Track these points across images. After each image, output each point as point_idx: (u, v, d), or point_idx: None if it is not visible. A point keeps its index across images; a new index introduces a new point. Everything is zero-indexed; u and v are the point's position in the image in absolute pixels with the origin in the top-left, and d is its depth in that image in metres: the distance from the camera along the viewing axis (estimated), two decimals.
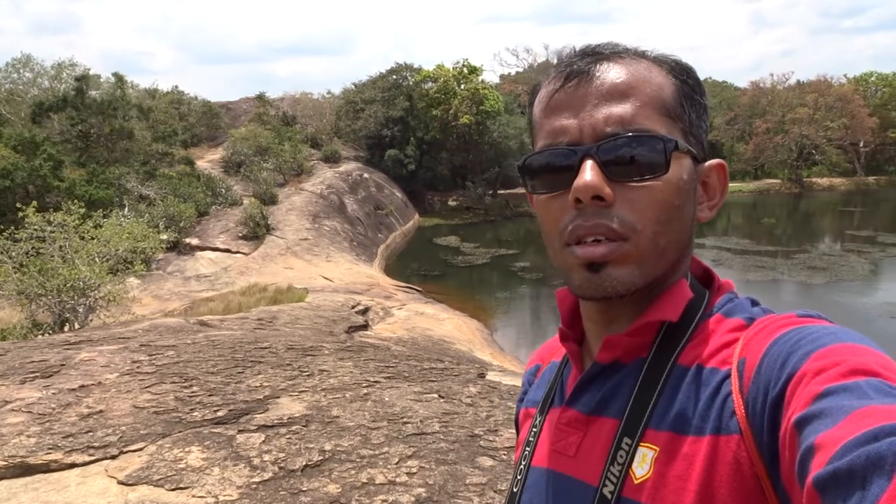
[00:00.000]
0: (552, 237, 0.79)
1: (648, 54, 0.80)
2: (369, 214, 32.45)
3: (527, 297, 22.76)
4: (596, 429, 0.78)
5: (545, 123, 0.79)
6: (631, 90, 0.75)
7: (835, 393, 0.55)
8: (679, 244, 0.77)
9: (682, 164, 0.76)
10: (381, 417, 3.90)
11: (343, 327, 12.52)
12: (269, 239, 24.67)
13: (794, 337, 0.64)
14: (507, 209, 40.72)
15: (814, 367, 0.59)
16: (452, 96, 40.68)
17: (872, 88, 58.55)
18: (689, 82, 0.79)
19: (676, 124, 0.76)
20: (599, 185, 0.72)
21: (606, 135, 0.74)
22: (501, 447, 3.53)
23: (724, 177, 0.83)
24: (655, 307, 0.77)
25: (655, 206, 0.74)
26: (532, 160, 0.80)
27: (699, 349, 0.73)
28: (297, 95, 48.05)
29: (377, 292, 19.08)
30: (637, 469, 0.71)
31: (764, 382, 0.63)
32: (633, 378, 0.76)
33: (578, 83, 0.76)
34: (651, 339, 0.77)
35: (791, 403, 0.59)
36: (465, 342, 15.06)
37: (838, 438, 0.51)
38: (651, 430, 0.72)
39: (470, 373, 6.26)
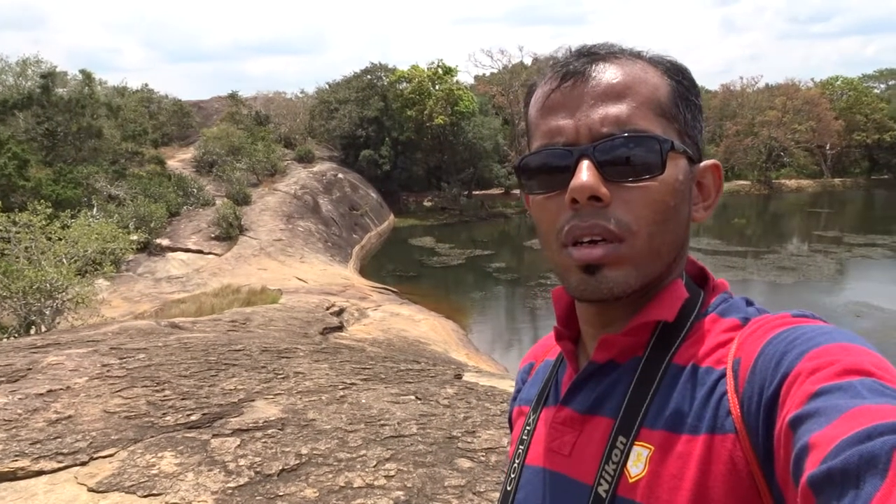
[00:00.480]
0: (549, 238, 0.78)
1: (644, 55, 0.80)
2: (344, 215, 32.27)
3: (501, 297, 22.82)
4: (591, 428, 0.78)
5: (541, 124, 0.79)
6: (627, 91, 0.75)
7: (829, 392, 0.55)
8: (675, 245, 0.78)
9: (677, 164, 0.76)
10: (358, 420, 3.86)
11: (318, 329, 12.42)
12: (243, 240, 24.42)
13: (788, 336, 0.65)
14: (481, 210, 40.79)
15: (808, 367, 0.59)
16: (427, 97, 40.65)
17: (838, 92, 59.73)
18: (685, 83, 0.80)
19: (672, 125, 0.77)
20: (596, 186, 0.72)
21: (602, 135, 0.74)
22: (479, 448, 3.51)
23: (718, 177, 0.83)
24: (651, 307, 0.77)
25: (651, 206, 0.74)
26: (528, 160, 0.80)
27: (694, 349, 0.74)
28: (271, 95, 47.63)
29: (352, 293, 18.98)
30: (632, 468, 0.71)
31: (759, 382, 0.63)
32: (629, 377, 0.76)
33: (574, 83, 0.76)
34: (647, 338, 0.77)
35: (786, 403, 0.59)
36: (441, 343, 15.04)
37: (832, 438, 0.51)
38: (646, 430, 0.72)
39: (446, 374, 6.24)
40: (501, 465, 3.32)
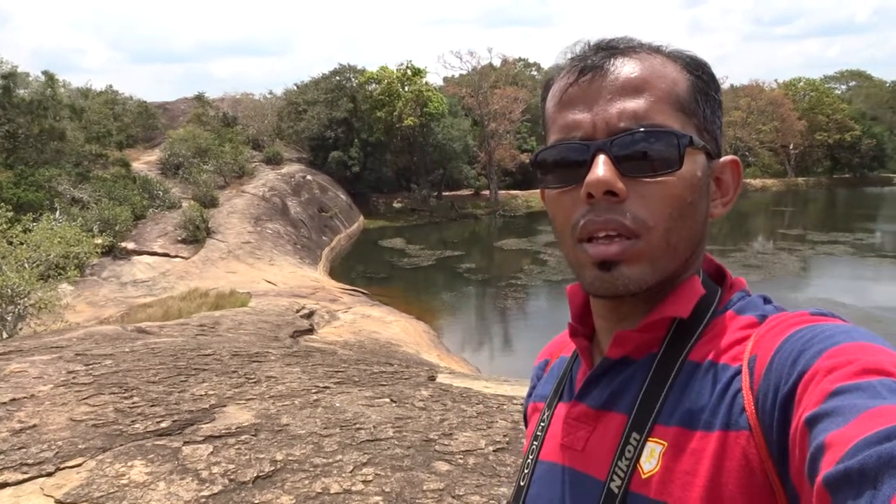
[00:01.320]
0: (563, 232, 0.78)
1: (663, 49, 0.79)
2: (313, 217, 32.02)
3: (472, 297, 22.85)
4: (605, 424, 0.78)
5: (558, 118, 0.78)
6: (645, 85, 0.74)
7: (847, 392, 0.55)
8: (692, 241, 0.77)
9: (695, 160, 0.75)
10: (332, 424, 3.81)
11: (288, 332, 12.29)
12: (210, 242, 24.06)
13: (806, 335, 0.64)
14: (451, 211, 40.81)
15: (826, 366, 0.58)
16: (396, 98, 40.53)
17: (801, 93, 61.08)
18: (704, 78, 0.79)
19: (691, 120, 0.76)
20: (612, 181, 0.71)
21: (620, 130, 0.73)
22: (457, 451, 3.49)
23: (737, 173, 0.83)
24: (667, 303, 0.76)
25: (668, 202, 0.73)
26: (544, 154, 0.79)
27: (710, 346, 0.73)
28: (238, 96, 47.09)
29: (322, 296, 18.83)
30: (645, 464, 0.70)
31: (775, 379, 0.63)
32: (643, 373, 0.76)
33: (592, 78, 0.76)
34: (662, 335, 0.77)
35: (802, 401, 0.58)
36: (413, 344, 15.00)
37: (850, 437, 0.51)
38: (660, 426, 0.71)
39: (420, 376, 6.20)
40: (480, 467, 3.30)
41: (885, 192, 53.36)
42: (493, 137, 44.80)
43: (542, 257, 27.35)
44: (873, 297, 19.65)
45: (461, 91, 45.79)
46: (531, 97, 49.19)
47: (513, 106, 44.73)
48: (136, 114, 40.11)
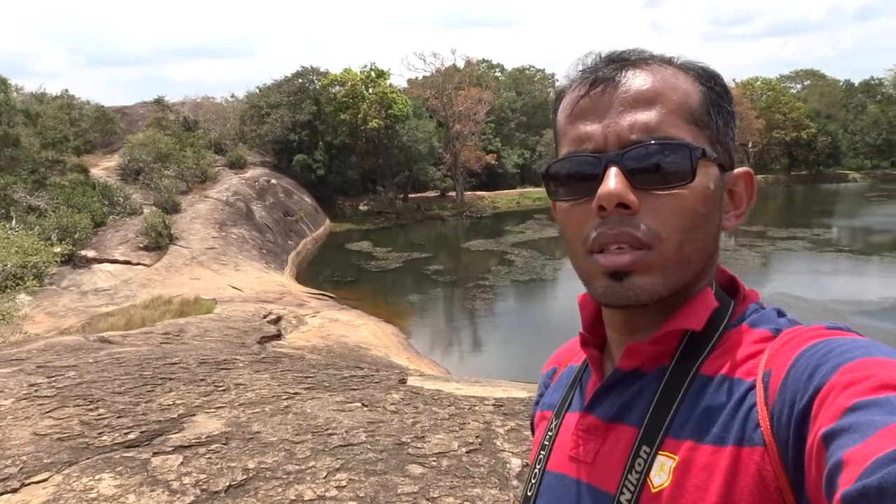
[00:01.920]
0: (575, 244, 0.77)
1: (675, 61, 0.79)
2: (278, 221, 31.72)
3: (440, 299, 22.86)
4: (615, 436, 0.77)
5: (569, 130, 0.78)
6: (657, 97, 0.74)
7: (864, 408, 0.54)
8: (704, 253, 0.76)
9: (708, 172, 0.75)
10: (304, 430, 3.78)
11: (255, 338, 12.16)
12: (173, 249, 23.67)
13: (822, 349, 0.63)
14: (418, 213, 40.82)
15: (842, 381, 0.58)
16: (361, 100, 40.40)
17: (758, 92, 62.45)
18: (717, 89, 0.79)
19: (703, 132, 0.76)
20: (624, 193, 0.71)
21: (631, 142, 0.73)
22: (430, 454, 3.49)
23: (751, 185, 0.83)
24: (679, 316, 0.76)
25: (681, 214, 0.73)
26: (556, 167, 0.79)
27: (723, 359, 0.72)
28: (199, 99, 46.43)
29: (289, 300, 18.66)
30: (655, 478, 0.70)
31: (790, 395, 0.62)
32: (655, 386, 0.75)
33: (604, 90, 0.75)
34: (674, 347, 0.76)
35: (818, 417, 0.57)
36: (382, 347, 14.95)
37: (868, 454, 0.50)
38: (670, 439, 0.70)
39: (391, 379, 6.19)
40: (453, 468, 3.31)
41: (840, 189, 54.86)
42: (458, 139, 44.93)
43: (510, 258, 27.49)
44: (831, 290, 20.17)
45: (425, 93, 45.84)
46: (495, 98, 49.47)
47: (477, 107, 44.92)
48: (94, 119, 39.23)
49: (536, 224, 36.98)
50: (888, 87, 66.28)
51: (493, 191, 48.80)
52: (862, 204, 43.90)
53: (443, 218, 41.06)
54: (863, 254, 26.85)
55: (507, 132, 53.36)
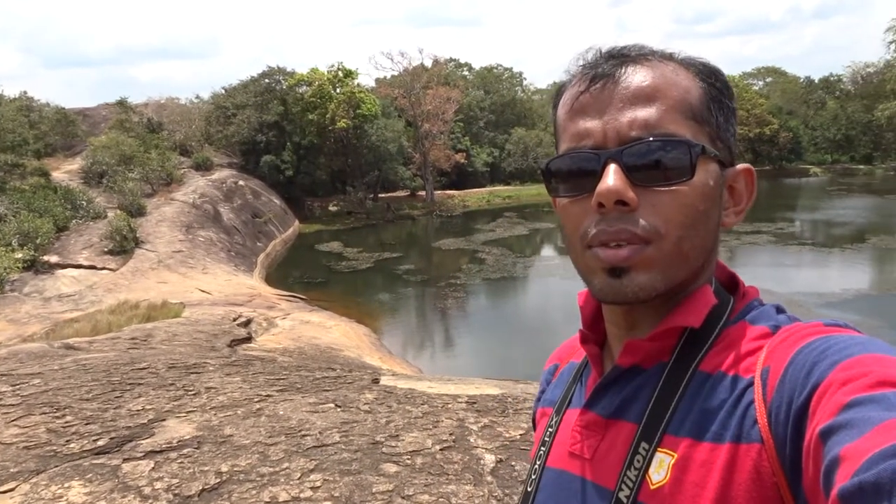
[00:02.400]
0: (574, 240, 0.78)
1: (675, 56, 0.79)
2: (247, 223, 31.38)
3: (412, 299, 22.84)
4: (614, 432, 0.78)
5: (569, 126, 0.78)
6: (657, 93, 0.74)
7: (861, 404, 0.54)
8: (703, 250, 0.77)
9: (708, 169, 0.75)
10: (277, 432, 3.76)
11: (225, 341, 12.02)
12: (139, 253, 23.28)
13: (820, 346, 0.63)
14: (388, 212, 40.70)
15: (840, 378, 0.58)
16: (328, 100, 40.13)
17: None
18: (717, 85, 0.78)
19: (703, 128, 0.75)
20: (623, 190, 0.71)
21: (631, 139, 0.73)
22: (405, 452, 3.50)
23: (751, 182, 0.82)
24: (678, 312, 0.76)
25: (680, 211, 0.73)
26: (555, 163, 0.79)
27: (722, 356, 0.73)
28: (163, 101, 45.64)
29: (259, 303, 18.48)
30: (654, 474, 0.70)
31: (788, 392, 0.62)
32: (654, 383, 0.75)
33: (603, 86, 0.75)
34: (673, 344, 0.76)
35: (816, 413, 0.58)
36: (354, 348, 14.89)
37: (864, 450, 0.50)
38: (669, 436, 0.71)
39: (364, 379, 6.18)
40: (428, 466, 3.32)
41: (802, 183, 56.00)
42: (427, 138, 44.90)
43: (481, 256, 27.57)
44: (795, 283, 20.59)
45: (394, 92, 45.71)
46: (463, 97, 49.53)
47: (446, 106, 44.94)
48: (55, 121, 38.35)
49: (507, 222, 37.14)
50: (846, 83, 67.79)
51: (463, 189, 48.86)
52: (823, 198, 44.88)
53: (413, 217, 41.00)
54: (825, 246, 27.47)
55: (476, 131, 53.46)
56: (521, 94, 63.50)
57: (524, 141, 54.44)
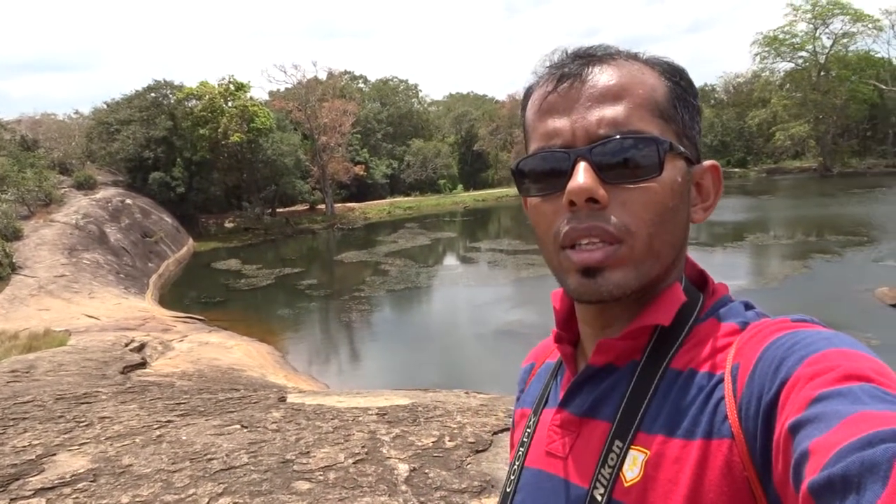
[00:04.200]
0: (546, 240, 0.78)
1: (641, 56, 0.80)
2: (136, 243, 29.88)
3: (315, 314, 22.43)
4: (588, 431, 0.78)
5: (538, 126, 0.79)
6: (623, 92, 0.75)
7: (829, 398, 0.55)
8: (674, 246, 0.78)
9: (675, 165, 0.76)
10: (181, 458, 3.60)
11: (118, 368, 11.36)
12: (17, 279, 21.69)
13: (788, 342, 0.65)
14: (287, 227, 39.91)
15: (808, 372, 0.59)
16: (220, 114, 38.95)
17: None
18: (682, 84, 0.80)
19: (669, 126, 0.77)
20: (593, 188, 0.72)
21: (599, 137, 0.73)
22: (317, 468, 3.43)
23: (717, 179, 0.83)
24: (648, 311, 0.77)
25: (650, 207, 0.74)
26: (525, 163, 0.79)
27: (692, 353, 0.74)
28: (38, 117, 42.85)
29: (153, 326, 17.62)
30: (627, 472, 0.71)
31: (758, 387, 0.63)
32: (626, 381, 0.76)
33: (571, 85, 0.76)
34: (644, 342, 0.77)
35: (785, 408, 0.59)
36: (257, 368, 14.46)
37: (833, 444, 0.51)
38: (642, 434, 0.72)
39: (270, 398, 6.02)
40: (341, 480, 3.27)
41: None
42: (324, 151, 44.43)
43: (384, 268, 27.46)
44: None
45: (288, 105, 44.97)
46: (360, 109, 49.38)
47: (342, 118, 44.67)
48: None
49: (408, 233, 37.21)
50: (720, 92, 72.58)
51: (364, 202, 48.67)
52: None
53: (314, 231, 40.36)
54: (708, 245, 29.05)
55: (374, 143, 53.41)
56: (418, 105, 64.02)
57: (423, 152, 54.86)
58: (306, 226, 41.11)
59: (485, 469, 3.74)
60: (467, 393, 7.05)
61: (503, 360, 15.72)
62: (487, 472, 3.69)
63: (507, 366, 15.62)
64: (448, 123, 64.34)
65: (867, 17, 51.35)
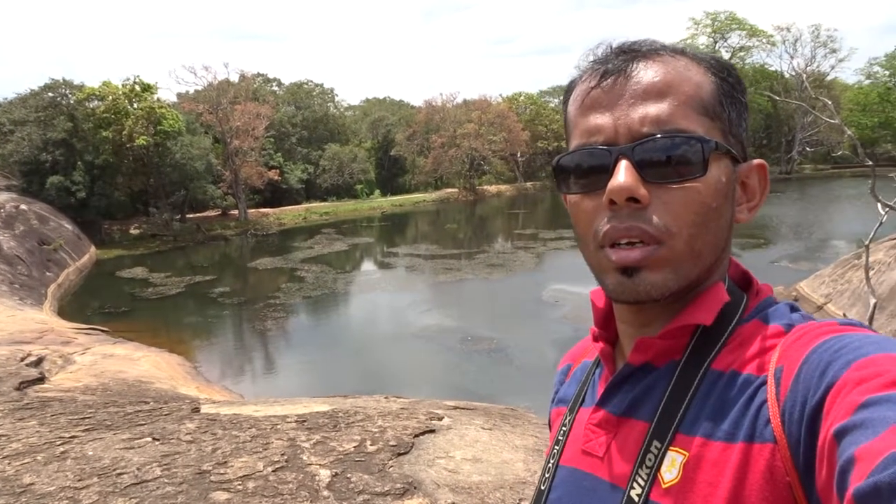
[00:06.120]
0: (586, 238, 0.77)
1: (687, 52, 0.78)
2: (32, 251, 28.16)
3: (228, 322, 21.79)
4: (626, 431, 0.77)
5: (580, 122, 0.77)
6: (668, 89, 0.73)
7: (876, 404, 0.54)
8: (716, 247, 0.76)
9: (720, 165, 0.74)
10: (88, 474, 3.42)
11: (13, 384, 10.64)
12: None
13: (834, 345, 0.63)
14: (198, 233, 38.59)
15: (855, 377, 0.57)
16: (125, 116, 37.25)
17: (522, 106, 67.78)
18: (730, 80, 0.78)
19: (715, 124, 0.75)
20: (634, 187, 0.71)
21: (642, 135, 0.72)
22: (235, 478, 3.33)
23: (764, 177, 0.82)
24: (690, 310, 0.75)
25: (692, 208, 0.72)
26: (566, 160, 0.78)
27: (735, 354, 0.72)
28: None
29: (52, 339, 16.63)
30: (665, 473, 0.70)
31: (802, 391, 0.62)
32: (666, 381, 0.75)
33: (614, 81, 0.75)
34: (685, 342, 0.76)
35: (830, 413, 0.57)
36: (167, 379, 13.90)
37: (880, 451, 0.50)
38: (681, 435, 0.70)
39: (182, 409, 5.80)
40: (261, 489, 3.19)
41: None
42: (237, 155, 43.27)
43: (300, 274, 26.99)
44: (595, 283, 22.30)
45: (199, 107, 43.50)
46: (274, 113, 48.42)
47: (255, 122, 43.65)
48: None
49: (325, 239, 36.74)
50: None
51: (279, 207, 47.66)
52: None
53: (226, 237, 39.20)
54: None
55: (289, 147, 52.42)
56: (334, 109, 63.29)
57: (339, 157, 54.28)
58: (218, 232, 39.88)
59: (407, 471, 3.74)
60: (387, 397, 7.02)
61: (421, 363, 15.76)
62: (409, 475, 3.68)
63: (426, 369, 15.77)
64: (365, 128, 63.95)
65: (761, 33, 54.69)
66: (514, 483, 3.74)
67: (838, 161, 58.87)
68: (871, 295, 9.87)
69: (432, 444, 4.29)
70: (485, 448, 4.33)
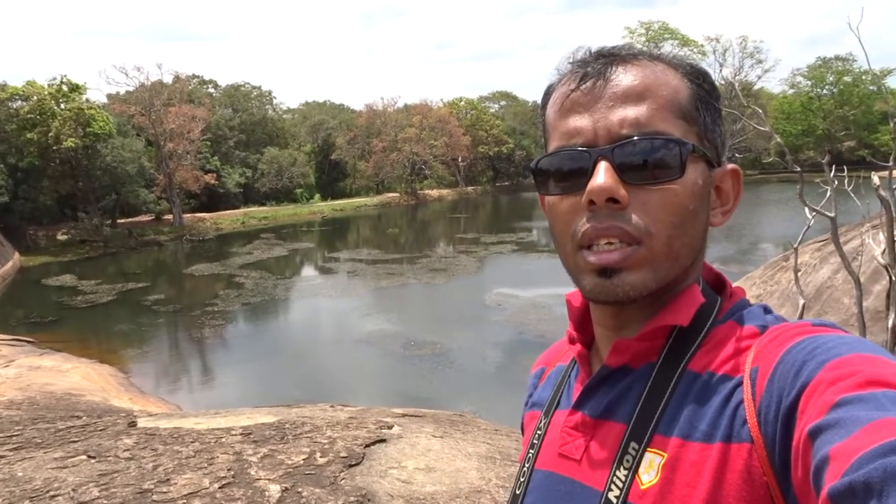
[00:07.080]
0: (563, 239, 0.77)
1: (664, 57, 0.80)
2: None
3: (163, 331, 21.11)
4: (603, 433, 0.77)
5: (559, 124, 0.78)
6: (647, 92, 0.74)
7: (850, 403, 0.54)
8: (692, 249, 0.77)
9: (697, 168, 0.75)
10: (18, 497, 3.21)
11: None
12: None
13: (808, 346, 0.64)
14: (130, 239, 37.38)
15: (828, 377, 0.58)
16: (51, 117, 35.79)
17: (463, 111, 68.26)
18: (705, 86, 0.79)
19: (692, 127, 0.76)
20: (614, 188, 0.71)
21: (621, 137, 0.73)
22: (178, 496, 3.18)
23: (738, 182, 0.83)
24: (666, 312, 0.76)
25: (670, 209, 0.73)
26: (545, 161, 0.78)
27: (710, 356, 0.73)
28: None
29: None
30: (643, 475, 0.70)
31: (777, 391, 0.63)
32: (642, 383, 0.75)
33: (594, 84, 0.75)
34: (661, 343, 0.76)
35: (805, 413, 0.58)
36: (99, 391, 13.36)
37: (854, 450, 0.50)
38: (659, 436, 0.71)
39: (118, 423, 5.54)
40: None
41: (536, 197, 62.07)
42: (171, 158, 42.13)
43: (238, 280, 26.40)
44: (536, 286, 22.58)
45: (130, 109, 42.15)
46: (210, 115, 47.33)
47: (191, 124, 42.59)
48: None
49: (264, 244, 36.07)
50: None
51: (216, 212, 46.61)
52: None
53: (160, 243, 38.05)
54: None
55: (226, 150, 51.31)
56: (272, 113, 62.32)
57: (278, 161, 53.50)
58: (152, 237, 38.69)
59: (360, 483, 3.65)
60: (333, 406, 6.89)
61: (365, 370, 15.60)
62: (363, 486, 3.60)
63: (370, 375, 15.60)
64: (304, 132, 63.19)
65: (693, 43, 56.46)
66: (469, 492, 3.70)
67: (765, 167, 61.46)
68: (800, 295, 10.22)
69: (384, 454, 4.21)
70: (437, 457, 4.27)
